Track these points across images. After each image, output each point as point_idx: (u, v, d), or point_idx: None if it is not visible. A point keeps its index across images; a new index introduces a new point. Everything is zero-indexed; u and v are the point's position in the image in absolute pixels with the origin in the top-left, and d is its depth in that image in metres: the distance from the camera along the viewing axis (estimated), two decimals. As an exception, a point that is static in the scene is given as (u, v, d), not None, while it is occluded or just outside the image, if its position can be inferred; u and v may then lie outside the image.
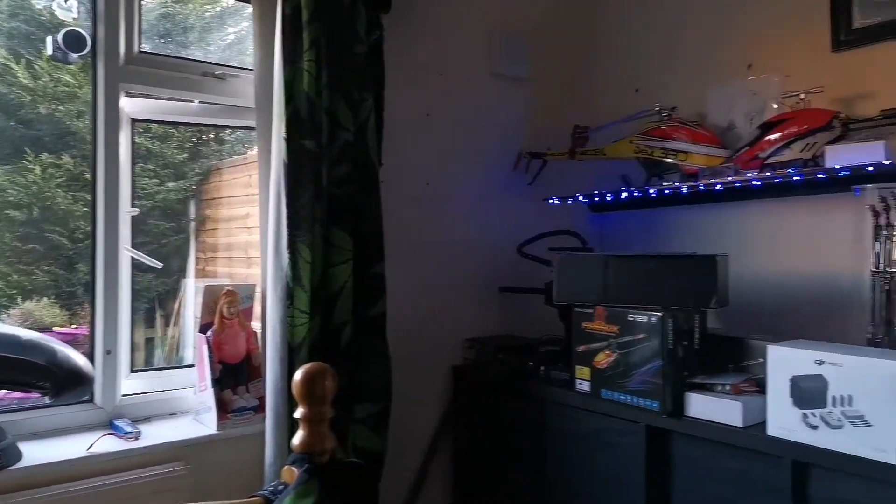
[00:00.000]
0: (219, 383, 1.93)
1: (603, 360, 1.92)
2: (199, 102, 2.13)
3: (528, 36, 2.66)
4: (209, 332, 1.94)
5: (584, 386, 1.97)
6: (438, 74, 2.42)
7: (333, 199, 2.00)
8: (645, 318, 1.81)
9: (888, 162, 1.62)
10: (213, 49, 2.45)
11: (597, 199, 2.36)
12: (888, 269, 1.66)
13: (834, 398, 1.46)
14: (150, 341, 2.46)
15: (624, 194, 2.24)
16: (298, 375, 1.38)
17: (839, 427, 1.45)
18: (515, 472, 2.22)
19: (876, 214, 1.67)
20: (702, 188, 2.04)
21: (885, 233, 1.66)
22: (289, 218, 1.93)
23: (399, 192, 2.32)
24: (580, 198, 2.41)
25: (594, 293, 1.94)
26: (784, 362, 1.55)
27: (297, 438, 1.36)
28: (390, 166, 2.27)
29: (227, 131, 2.60)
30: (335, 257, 2.01)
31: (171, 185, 2.49)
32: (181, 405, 2.07)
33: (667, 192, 2.14)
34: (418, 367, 2.39)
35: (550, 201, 2.50)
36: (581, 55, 2.69)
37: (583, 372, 1.98)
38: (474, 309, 2.54)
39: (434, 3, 2.39)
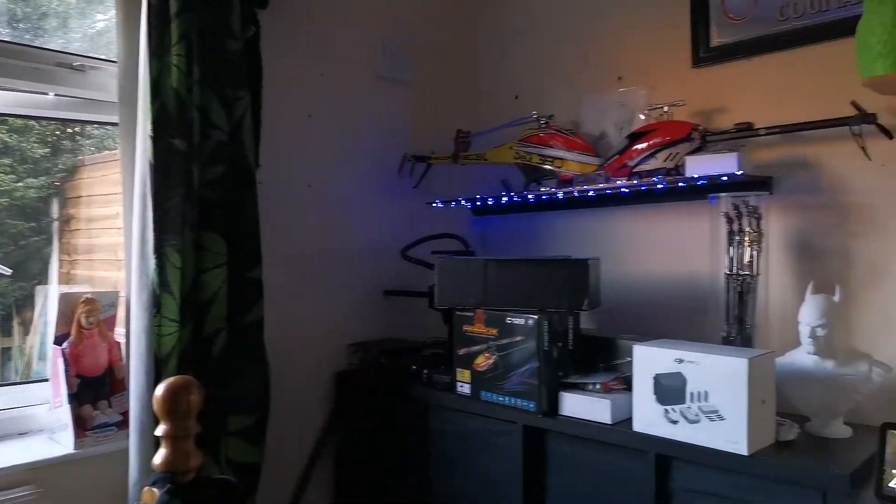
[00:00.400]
0: (76, 398, 1.79)
1: (483, 362, 1.95)
2: (56, 95, 1.97)
3: (412, 39, 2.66)
4: (65, 344, 1.80)
5: (465, 388, 1.99)
6: (320, 75, 2.37)
7: (206, 202, 1.91)
8: (522, 321, 1.85)
9: (740, 172, 1.75)
10: (79, 37, 2.28)
11: (479, 203, 2.40)
12: (740, 272, 1.79)
13: (692, 394, 1.55)
14: (6, 351, 2.25)
15: (504, 199, 2.29)
16: (160, 390, 1.31)
17: (696, 421, 1.54)
18: (397, 477, 2.21)
19: (730, 221, 1.79)
20: (576, 194, 2.12)
21: (737, 238, 1.79)
22: (156, 221, 1.82)
23: (279, 194, 2.25)
24: (463, 202, 2.43)
25: (474, 296, 1.97)
26: (648, 361, 1.63)
27: (159, 457, 1.29)
28: (269, 167, 2.19)
29: (95, 125, 2.42)
30: (207, 262, 1.92)
31: (31, 181, 2.29)
32: (35, 423, 1.91)
33: (544, 197, 2.20)
34: (299, 373, 2.33)
35: (434, 205, 2.51)
36: (464, 60, 2.73)
37: (464, 374, 2.00)
38: (358, 313, 2.51)
39: (316, 0, 2.33)
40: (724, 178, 1.77)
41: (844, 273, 1.77)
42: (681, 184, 1.88)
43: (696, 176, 1.82)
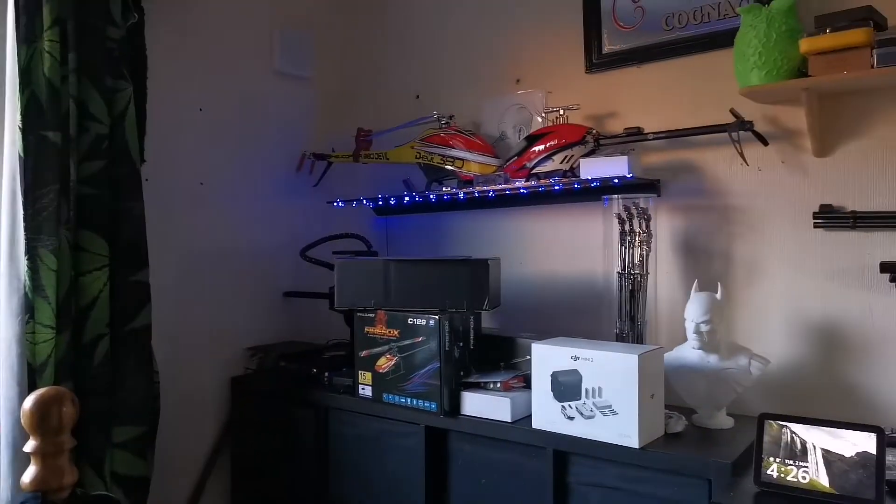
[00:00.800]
0: (-66, 416, 1.62)
1: (384, 364, 1.92)
2: None
3: (312, 35, 2.60)
4: (-81, 356, 1.63)
5: (367, 391, 1.96)
6: (212, 68, 2.26)
7: (85, 199, 1.79)
8: (423, 321, 1.84)
9: (630, 175, 1.81)
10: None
11: (381, 202, 2.37)
12: (631, 271, 1.85)
13: (587, 390, 1.59)
14: None
15: (406, 199, 2.27)
16: (28, 403, 1.21)
17: (591, 417, 1.58)
18: (297, 483, 2.15)
19: (621, 222, 1.86)
20: (477, 195, 2.13)
21: (628, 238, 1.86)
22: (27, 220, 1.68)
23: (168, 191, 2.14)
24: (364, 201, 2.40)
25: (375, 297, 1.94)
26: (545, 359, 1.66)
27: (28, 475, 1.19)
28: (158, 163, 2.08)
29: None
30: (87, 264, 1.80)
31: None
32: None
33: (446, 197, 2.20)
34: (193, 380, 2.23)
35: (335, 204, 2.46)
36: (366, 58, 2.69)
37: (365, 377, 1.97)
38: (256, 316, 2.43)
39: (208, -11, 2.24)
40: (616, 181, 1.83)
41: (726, 272, 1.88)
42: (576, 185, 1.92)
43: (589, 178, 1.87)
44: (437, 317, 1.81)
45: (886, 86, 1.62)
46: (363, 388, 1.97)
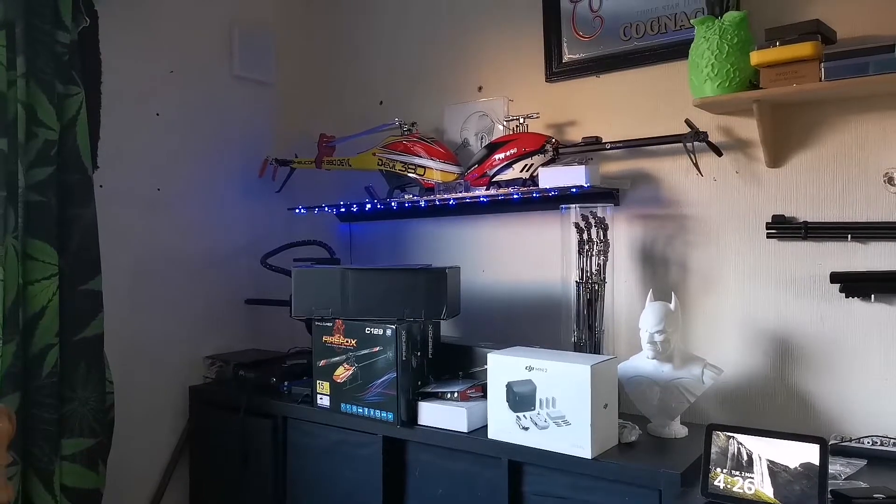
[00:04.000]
0: None
1: (342, 373, 1.91)
2: None
3: (274, 40, 2.57)
4: None
5: (325, 401, 1.94)
6: (170, 72, 2.23)
7: (33, 206, 1.75)
8: (381, 331, 1.83)
9: (587, 185, 1.81)
10: None
11: (343, 209, 2.35)
12: (589, 280, 1.86)
13: (541, 401, 1.59)
14: None
15: (368, 206, 2.26)
16: (-41, 420, 1.17)
17: (545, 427, 1.58)
18: (256, 494, 2.12)
19: (580, 231, 1.86)
20: (437, 202, 2.12)
21: (586, 247, 1.86)
22: (-29, 228, 1.64)
23: (123, 197, 2.10)
24: (326, 208, 2.38)
25: (333, 306, 1.92)
26: (501, 369, 1.66)
27: (-41, 495, 1.15)
28: (112, 169, 2.04)
29: None
30: (35, 273, 1.76)
31: None
32: None
33: (407, 205, 2.19)
34: (150, 390, 2.19)
35: (297, 211, 2.44)
36: (330, 63, 2.67)
37: (323, 387, 1.95)
38: (217, 324, 2.39)
39: (166, -7, 2.20)
40: (574, 190, 1.83)
41: (683, 280, 1.89)
42: (535, 195, 1.92)
43: (548, 187, 1.87)
44: (394, 326, 1.80)
45: (835, 98, 1.64)
46: (321, 398, 1.95)
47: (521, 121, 2.03)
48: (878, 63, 1.47)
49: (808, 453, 1.27)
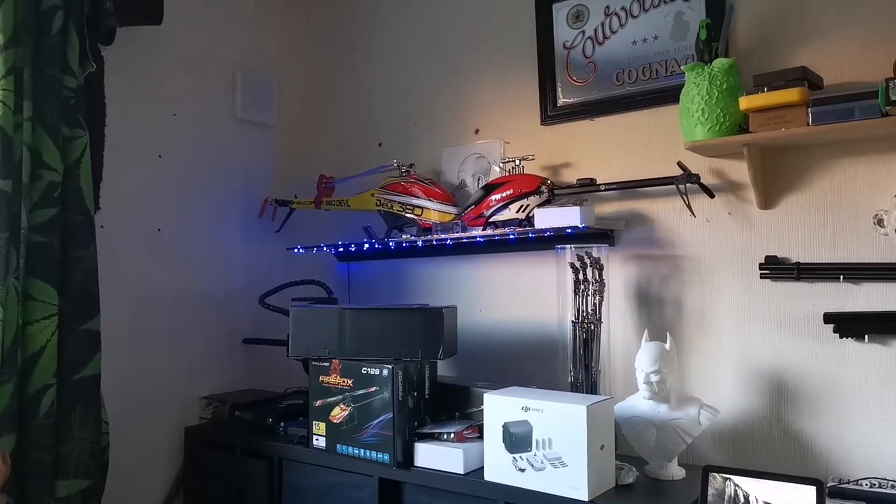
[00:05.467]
0: None
1: (338, 414, 1.90)
2: None
3: (277, 82, 2.63)
4: None
5: (321, 442, 1.93)
6: (173, 115, 2.28)
7: (35, 247, 1.77)
8: (377, 371, 1.83)
9: (583, 225, 1.84)
10: None
11: (341, 249, 2.37)
12: (585, 320, 1.87)
13: (538, 442, 1.59)
14: None
15: (366, 246, 2.28)
16: (-46, 462, 1.17)
17: (542, 469, 1.57)
18: (250, 538, 2.09)
19: (575, 271, 1.88)
20: (435, 242, 2.15)
21: (582, 287, 1.88)
22: (-27, 268, 1.66)
23: (124, 237, 2.13)
24: (325, 248, 2.40)
25: (330, 346, 1.93)
26: (497, 409, 1.66)
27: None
28: (114, 210, 2.07)
29: None
30: (35, 313, 1.78)
31: None
32: None
33: (405, 245, 2.21)
34: (145, 431, 2.18)
35: (295, 250, 2.46)
36: (330, 106, 2.73)
37: (319, 427, 1.94)
38: (214, 363, 2.39)
39: (172, 37, 2.25)
40: (569, 230, 1.86)
41: (677, 320, 1.90)
42: (530, 235, 1.95)
43: (544, 227, 1.90)
44: (390, 366, 1.81)
45: (823, 142, 1.68)
46: (317, 439, 1.94)
47: (517, 162, 2.06)
48: (862, 108, 1.51)
49: (805, 496, 1.27)
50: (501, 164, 2.13)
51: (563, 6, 2.10)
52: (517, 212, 2.00)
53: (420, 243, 2.17)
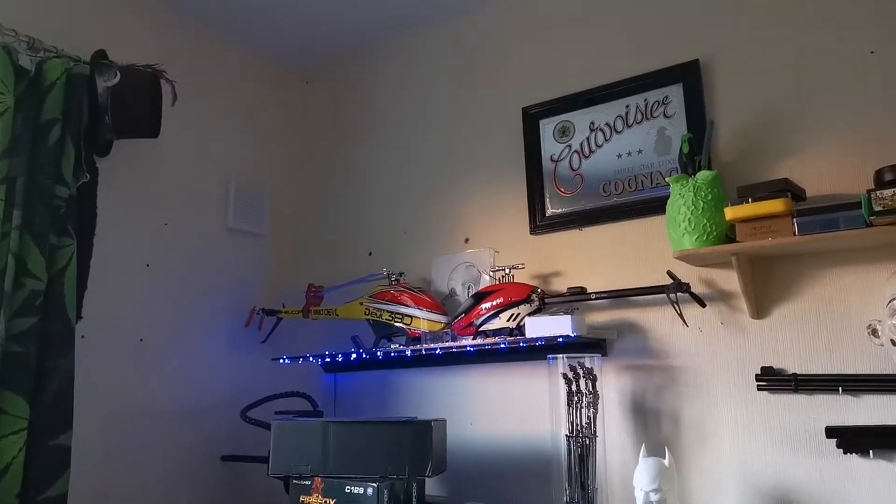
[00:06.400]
0: None
1: (319, 538, 1.78)
2: None
3: (267, 192, 2.66)
4: None
5: (299, 569, 1.80)
6: (164, 224, 2.28)
7: (10, 357, 1.71)
8: (361, 490, 1.73)
9: (574, 335, 1.81)
10: None
11: (328, 359, 2.32)
12: (579, 434, 1.79)
13: (533, 568, 1.47)
14: None
15: (354, 356, 2.23)
16: None
17: None
18: None
19: (568, 382, 1.83)
20: (424, 352, 2.10)
21: (575, 399, 1.82)
22: (-58, 380, 1.60)
23: (104, 348, 2.06)
24: (311, 358, 2.34)
25: (312, 462, 1.83)
26: (489, 533, 1.55)
27: None
28: (96, 319, 2.02)
29: None
30: (4, 427, 1.70)
31: None
32: None
33: (393, 355, 2.16)
34: (111, 557, 2.02)
35: (281, 361, 2.40)
36: (320, 215, 2.75)
37: (298, 553, 1.81)
38: (190, 482, 2.26)
39: (168, 149, 2.29)
40: (561, 340, 1.82)
41: (676, 434, 1.83)
42: (521, 344, 1.91)
43: (535, 336, 1.87)
44: (375, 484, 1.71)
45: (811, 252, 1.69)
46: (296, 566, 1.81)
47: (507, 271, 2.06)
48: (847, 218, 1.53)
49: None
50: (491, 273, 2.12)
51: (549, 122, 2.17)
52: (507, 321, 1.98)
53: (409, 353, 2.13)
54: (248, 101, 2.66)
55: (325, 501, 1.78)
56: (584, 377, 1.82)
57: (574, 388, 1.83)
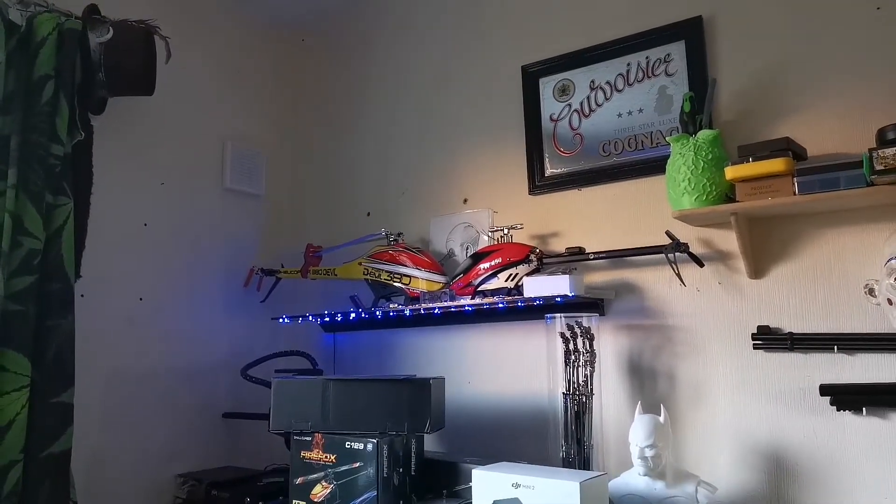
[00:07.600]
0: None
1: (320, 492, 1.81)
2: None
3: (266, 153, 2.65)
4: None
5: (301, 522, 1.83)
6: (161, 184, 2.27)
7: (10, 316, 1.72)
8: (361, 446, 1.75)
9: (571, 294, 1.81)
10: None
11: (328, 319, 2.33)
12: (576, 392, 1.81)
13: (529, 521, 1.50)
14: None
15: (353, 315, 2.24)
16: None
17: (534, 550, 1.49)
18: None
19: (566, 341, 1.84)
20: (423, 311, 2.11)
21: (572, 358, 1.83)
22: (-58, 337, 1.60)
23: (103, 307, 2.07)
24: (310, 317, 2.35)
25: (312, 419, 1.86)
26: (486, 486, 1.58)
27: None
28: (94, 278, 2.03)
29: None
30: (6, 384, 1.71)
31: None
32: None
33: (391, 314, 2.18)
34: (114, 511, 2.07)
35: (280, 320, 2.41)
36: (318, 175, 2.74)
37: (300, 506, 1.84)
38: (192, 439, 2.30)
39: (163, 108, 2.27)
40: (559, 299, 1.83)
41: (671, 392, 1.85)
42: (519, 304, 1.92)
43: (533, 296, 1.87)
44: (375, 440, 1.73)
45: (811, 212, 1.69)
46: (297, 520, 1.84)
47: (506, 231, 2.06)
48: (848, 178, 1.52)
49: (812, 580, 1.20)
50: (490, 234, 2.12)
51: (549, 80, 2.14)
52: (506, 280, 1.98)
53: (408, 312, 2.14)
54: (243, 59, 2.62)
55: (326, 457, 1.81)
56: (581, 336, 1.83)
57: (572, 346, 1.84)
